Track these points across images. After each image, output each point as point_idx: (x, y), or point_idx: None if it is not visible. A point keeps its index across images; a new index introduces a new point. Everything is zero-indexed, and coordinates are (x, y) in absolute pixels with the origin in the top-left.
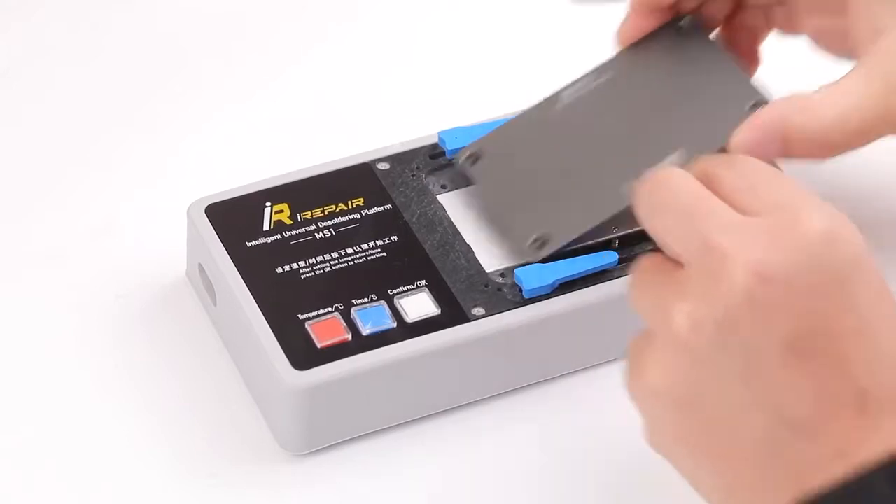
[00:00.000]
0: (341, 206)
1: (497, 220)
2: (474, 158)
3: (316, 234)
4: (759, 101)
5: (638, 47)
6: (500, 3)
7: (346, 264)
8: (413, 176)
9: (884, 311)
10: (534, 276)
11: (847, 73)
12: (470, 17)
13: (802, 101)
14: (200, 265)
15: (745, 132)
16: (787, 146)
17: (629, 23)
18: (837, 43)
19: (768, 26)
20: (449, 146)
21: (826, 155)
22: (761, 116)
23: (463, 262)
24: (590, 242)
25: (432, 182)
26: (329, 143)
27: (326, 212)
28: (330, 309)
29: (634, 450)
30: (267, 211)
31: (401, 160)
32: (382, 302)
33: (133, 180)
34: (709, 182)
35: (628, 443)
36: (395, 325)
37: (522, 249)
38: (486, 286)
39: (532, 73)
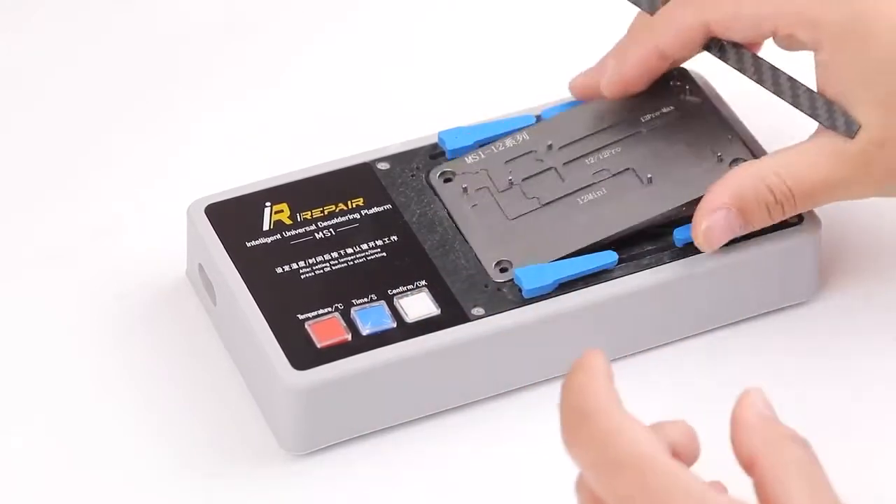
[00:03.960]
0: (341, 206)
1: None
2: (447, 177)
3: (316, 234)
4: (740, 158)
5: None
6: (500, 3)
7: (345, 264)
8: (413, 176)
9: None
10: (534, 276)
11: (803, 143)
12: (470, 16)
13: (749, 168)
14: (200, 265)
15: (706, 216)
16: (747, 222)
17: (619, 78)
18: None
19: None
20: (449, 146)
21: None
22: (712, 198)
23: (463, 262)
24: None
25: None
26: (329, 143)
27: (326, 212)
28: (330, 309)
29: None
30: (267, 211)
31: (401, 160)
32: (382, 302)
33: (133, 180)
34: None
35: None
36: (394, 325)
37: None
38: (486, 286)
39: (532, 73)
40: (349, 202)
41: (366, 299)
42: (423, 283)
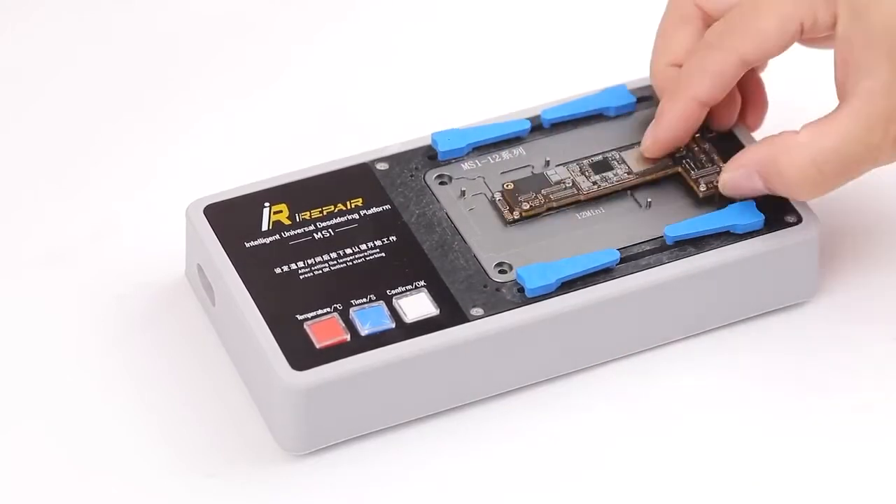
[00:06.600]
0: (340, 206)
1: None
2: (442, 181)
3: (314, 234)
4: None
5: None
6: (499, 3)
7: (344, 265)
8: (412, 176)
9: None
10: (536, 276)
11: (830, 114)
12: (469, 17)
13: (786, 141)
14: (199, 265)
15: (731, 170)
16: (770, 184)
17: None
18: None
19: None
20: (441, 148)
21: (805, 194)
22: (747, 155)
23: (462, 262)
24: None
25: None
26: (328, 143)
27: (325, 212)
28: (329, 309)
29: (635, 450)
30: (265, 211)
31: (400, 160)
32: (381, 302)
33: (132, 181)
34: None
35: (629, 443)
36: (393, 325)
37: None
38: (485, 286)
39: (531, 73)
40: (348, 202)
41: (365, 300)
42: (423, 283)
